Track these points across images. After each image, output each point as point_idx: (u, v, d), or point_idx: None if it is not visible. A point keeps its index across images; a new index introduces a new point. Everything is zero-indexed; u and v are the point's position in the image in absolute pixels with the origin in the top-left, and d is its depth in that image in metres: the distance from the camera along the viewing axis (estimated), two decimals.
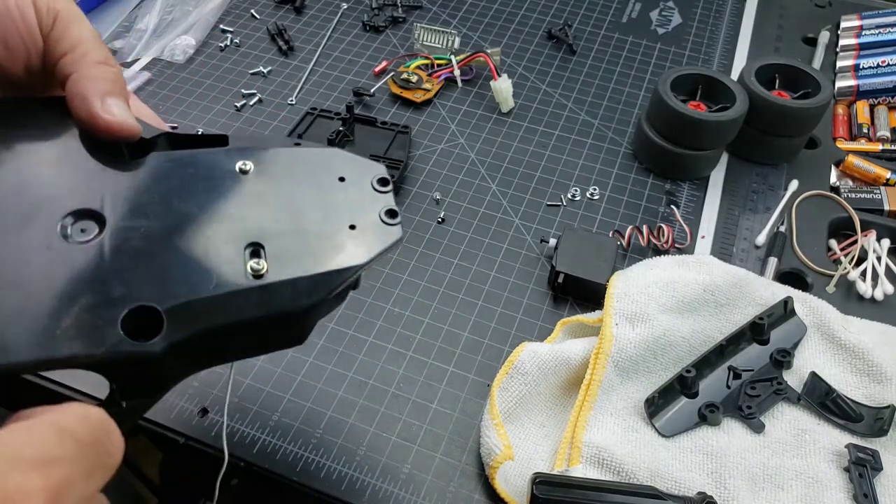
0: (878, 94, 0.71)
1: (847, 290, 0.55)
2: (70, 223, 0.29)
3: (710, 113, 0.60)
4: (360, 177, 0.36)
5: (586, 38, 0.79)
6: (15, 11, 0.32)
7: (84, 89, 0.31)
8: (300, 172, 0.35)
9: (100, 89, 0.32)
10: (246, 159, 0.34)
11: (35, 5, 0.32)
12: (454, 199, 0.62)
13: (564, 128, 0.69)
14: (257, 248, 0.32)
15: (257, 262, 0.31)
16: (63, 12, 0.33)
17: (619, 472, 0.42)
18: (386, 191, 0.36)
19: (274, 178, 0.35)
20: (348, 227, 0.34)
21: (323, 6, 0.82)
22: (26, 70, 0.33)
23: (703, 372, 0.47)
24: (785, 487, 0.42)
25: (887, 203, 0.60)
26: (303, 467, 0.45)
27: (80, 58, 0.32)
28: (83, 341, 0.26)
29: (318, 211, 0.34)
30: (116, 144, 0.32)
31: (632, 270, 0.51)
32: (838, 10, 0.83)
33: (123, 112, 0.32)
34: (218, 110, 0.69)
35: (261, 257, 0.31)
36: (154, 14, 0.78)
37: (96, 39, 0.33)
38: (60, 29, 0.33)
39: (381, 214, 0.35)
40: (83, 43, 0.33)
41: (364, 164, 0.37)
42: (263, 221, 0.33)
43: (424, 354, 0.51)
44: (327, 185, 0.35)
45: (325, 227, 0.34)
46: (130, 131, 0.32)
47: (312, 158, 0.36)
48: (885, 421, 0.44)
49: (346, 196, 0.35)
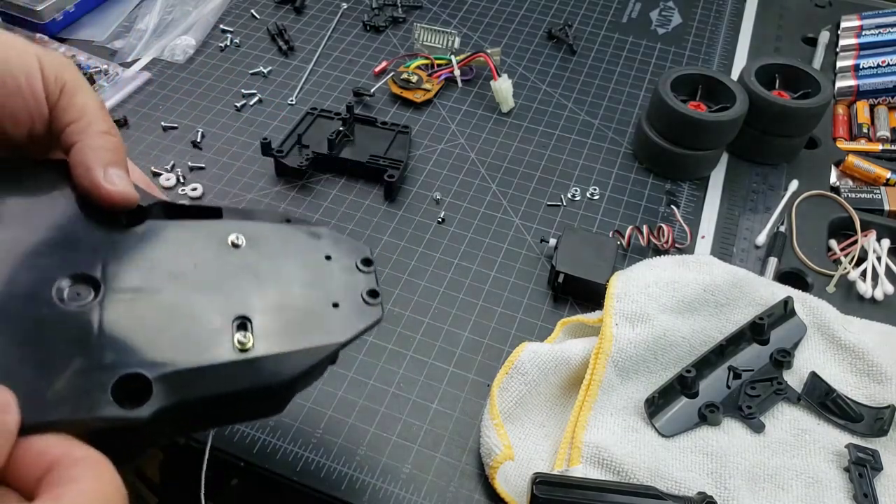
0: (878, 94, 0.71)
1: (847, 290, 0.55)
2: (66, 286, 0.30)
3: (710, 113, 0.60)
4: (346, 256, 0.38)
5: (586, 38, 0.79)
6: (25, 88, 0.33)
7: (88, 159, 0.33)
8: (289, 249, 0.37)
9: (102, 159, 0.33)
10: (239, 233, 0.35)
11: (43, 76, 0.33)
12: (454, 199, 0.62)
13: (564, 128, 0.69)
14: (244, 321, 0.32)
15: (244, 336, 0.32)
16: (70, 83, 0.34)
17: (619, 472, 0.42)
18: (369, 271, 0.38)
19: (264, 254, 0.36)
20: (331, 305, 0.35)
21: (323, 6, 0.82)
22: (29, 136, 0.34)
23: (703, 372, 0.47)
24: (785, 487, 0.42)
25: (887, 203, 0.60)
26: (303, 467, 0.45)
27: (84, 127, 0.33)
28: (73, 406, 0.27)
29: (304, 288, 0.35)
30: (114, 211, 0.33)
31: (632, 270, 0.51)
32: (838, 10, 0.83)
33: (124, 182, 0.33)
34: (218, 110, 0.69)
35: (247, 331, 0.32)
36: (154, 14, 0.78)
37: (101, 109, 0.34)
38: (67, 99, 0.34)
39: (363, 294, 0.36)
40: (88, 113, 0.34)
41: (350, 245, 0.38)
42: (252, 296, 0.34)
43: (424, 354, 0.51)
44: (314, 263, 0.37)
45: (309, 304, 0.35)
46: (129, 201, 0.33)
47: (302, 236, 0.38)
48: (885, 421, 0.44)
49: (332, 274, 0.37)
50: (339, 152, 0.63)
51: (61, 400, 0.27)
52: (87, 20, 0.78)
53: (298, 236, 0.37)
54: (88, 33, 0.77)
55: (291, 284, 0.35)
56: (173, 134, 0.66)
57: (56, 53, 0.35)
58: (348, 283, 0.37)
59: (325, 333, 0.34)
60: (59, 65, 0.34)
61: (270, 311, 0.33)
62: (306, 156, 0.62)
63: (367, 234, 0.58)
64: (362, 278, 0.37)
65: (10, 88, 0.32)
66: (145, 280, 0.32)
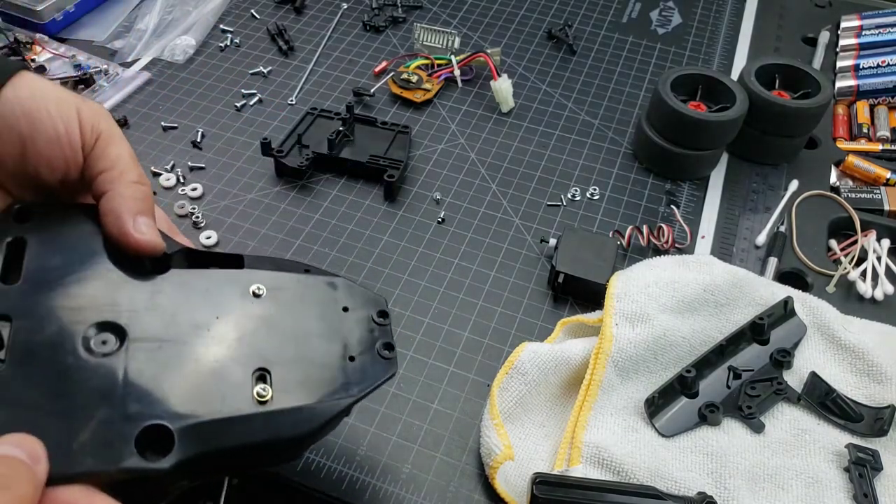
0: (878, 94, 0.71)
1: (847, 290, 0.55)
2: (93, 335, 0.31)
3: (710, 113, 0.60)
4: (362, 308, 0.38)
5: (586, 38, 0.79)
6: (64, 137, 0.34)
7: (118, 207, 0.34)
8: (308, 300, 0.37)
9: (132, 208, 0.34)
10: (259, 283, 0.36)
11: (80, 125, 0.35)
12: (454, 199, 0.62)
13: (564, 128, 0.69)
14: (264, 373, 0.33)
15: (263, 389, 0.32)
16: (105, 133, 0.35)
17: (619, 472, 0.42)
18: (385, 323, 0.38)
19: (284, 305, 0.36)
20: (347, 359, 0.36)
21: (323, 6, 0.82)
22: (62, 181, 0.36)
23: (703, 372, 0.47)
24: (785, 487, 0.42)
25: (887, 203, 0.60)
26: (303, 467, 0.45)
27: (117, 176, 0.35)
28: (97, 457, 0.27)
29: (322, 340, 0.36)
30: (141, 258, 0.35)
31: (632, 270, 0.51)
32: (838, 10, 0.83)
33: (151, 231, 0.35)
34: (218, 110, 0.69)
35: (266, 383, 0.33)
36: (154, 14, 0.78)
37: (132, 159, 0.36)
38: (101, 147, 0.35)
39: (378, 348, 0.37)
40: (121, 162, 0.35)
41: (366, 296, 0.39)
42: (271, 348, 0.34)
43: (424, 354, 0.51)
44: (331, 314, 0.37)
45: (326, 357, 0.35)
46: (156, 249, 0.35)
47: (320, 287, 0.38)
48: (885, 421, 0.44)
49: (348, 327, 0.37)
50: (339, 152, 0.63)
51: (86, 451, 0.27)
52: (86, 20, 0.78)
53: (317, 287, 0.38)
54: (88, 33, 0.77)
55: (309, 337, 0.36)
56: (173, 134, 0.66)
57: (93, 103, 0.36)
58: (364, 335, 0.37)
59: (341, 388, 0.35)
60: (96, 115, 0.35)
61: (289, 364, 0.34)
62: (306, 156, 0.62)
63: (367, 234, 0.58)
64: (378, 331, 0.38)
65: (49, 136, 0.34)
66: (168, 330, 0.33)
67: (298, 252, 0.57)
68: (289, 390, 0.33)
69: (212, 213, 0.60)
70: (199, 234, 0.58)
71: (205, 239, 0.57)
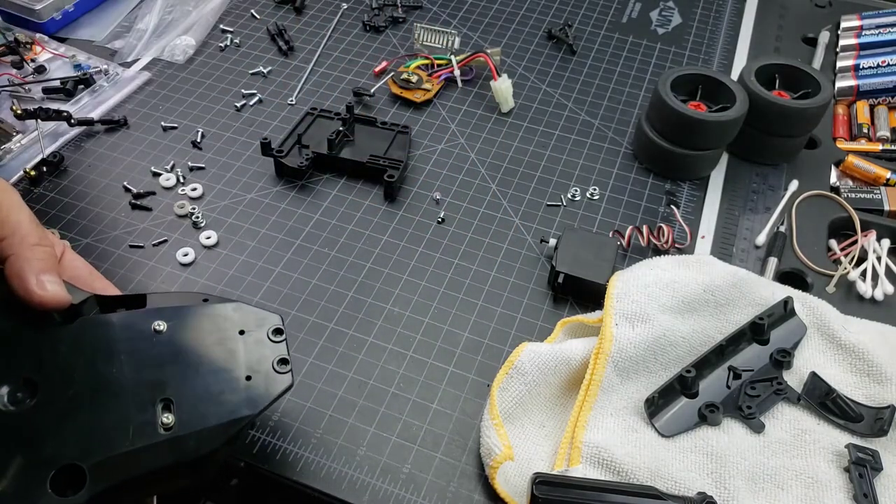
0: (878, 94, 0.71)
1: (847, 290, 0.55)
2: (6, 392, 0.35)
3: (710, 113, 0.60)
4: (258, 328, 0.41)
5: (586, 38, 0.79)
6: None
7: (21, 270, 0.37)
8: (206, 329, 0.40)
9: (35, 269, 0.37)
10: (160, 320, 0.39)
11: None
12: (454, 199, 0.62)
13: (564, 128, 0.69)
14: (168, 402, 0.36)
15: (167, 417, 0.36)
16: (5, 202, 0.38)
17: (619, 472, 0.42)
18: (279, 340, 0.41)
19: (183, 337, 0.39)
20: (245, 378, 0.39)
21: (323, 6, 0.82)
22: None
23: (703, 372, 0.47)
24: (785, 487, 0.42)
25: (887, 203, 0.60)
26: (303, 467, 0.45)
27: (18, 242, 0.38)
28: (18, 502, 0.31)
29: (220, 364, 0.39)
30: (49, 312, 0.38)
31: (632, 270, 0.51)
32: (838, 10, 0.83)
33: (55, 287, 0.37)
34: (218, 110, 0.69)
35: (170, 411, 0.36)
36: (154, 14, 0.78)
37: (32, 223, 0.39)
38: (2, 216, 0.38)
39: (273, 364, 0.40)
40: (21, 227, 0.38)
41: (261, 316, 0.42)
42: (173, 378, 0.37)
43: (424, 354, 0.51)
44: (229, 339, 0.40)
45: (225, 379, 0.38)
46: (60, 303, 0.37)
47: (217, 315, 0.41)
48: (885, 421, 0.44)
49: (245, 348, 0.40)
50: (339, 152, 0.63)
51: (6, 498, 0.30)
52: (86, 20, 0.78)
53: (214, 315, 0.41)
54: (88, 33, 0.77)
55: (209, 363, 0.39)
56: (173, 134, 0.66)
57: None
58: (261, 354, 0.40)
59: (240, 406, 0.38)
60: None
61: (190, 391, 0.37)
62: (306, 156, 0.62)
63: (367, 234, 0.58)
64: (273, 348, 0.41)
65: None
66: (78, 376, 0.36)
67: (298, 252, 0.57)
68: (192, 415, 0.36)
69: (212, 213, 0.60)
70: (199, 234, 0.58)
71: (205, 239, 0.57)
